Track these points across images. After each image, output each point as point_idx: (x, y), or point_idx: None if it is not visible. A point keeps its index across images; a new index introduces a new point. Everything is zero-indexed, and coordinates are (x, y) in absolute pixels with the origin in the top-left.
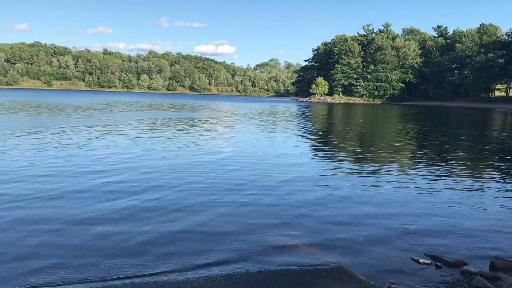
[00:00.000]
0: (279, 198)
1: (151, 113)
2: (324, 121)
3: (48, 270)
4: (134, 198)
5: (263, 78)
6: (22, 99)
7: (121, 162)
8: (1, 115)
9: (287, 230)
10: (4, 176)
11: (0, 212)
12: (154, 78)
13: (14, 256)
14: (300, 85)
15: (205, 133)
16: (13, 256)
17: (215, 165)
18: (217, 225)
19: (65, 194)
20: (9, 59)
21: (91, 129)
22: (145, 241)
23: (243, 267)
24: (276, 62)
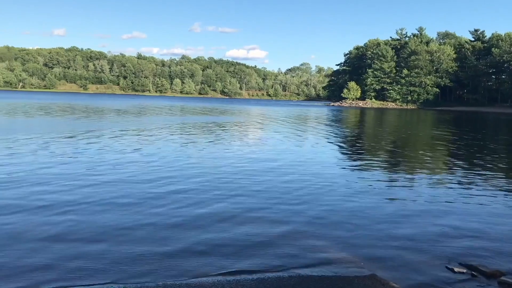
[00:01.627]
0: (311, 205)
1: (186, 117)
2: (357, 127)
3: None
4: (179, 204)
5: (294, 83)
6: (64, 103)
7: (174, 168)
8: (58, 118)
9: (320, 237)
10: (74, 181)
11: (84, 216)
12: (186, 83)
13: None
14: (331, 89)
15: (238, 138)
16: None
17: (249, 171)
18: (247, 231)
19: (138, 201)
20: (47, 63)
21: (140, 133)
22: (181, 245)
23: (274, 273)
24: (307, 67)
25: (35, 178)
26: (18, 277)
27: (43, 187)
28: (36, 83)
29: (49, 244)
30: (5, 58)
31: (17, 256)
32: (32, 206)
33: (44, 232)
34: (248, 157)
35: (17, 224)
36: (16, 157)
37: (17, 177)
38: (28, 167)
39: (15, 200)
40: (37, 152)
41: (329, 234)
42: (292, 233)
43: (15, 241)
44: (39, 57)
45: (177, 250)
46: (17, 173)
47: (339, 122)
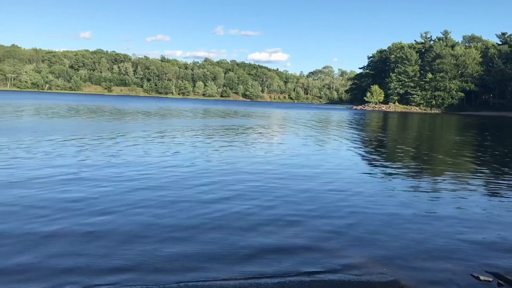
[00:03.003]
0: (333, 210)
1: (210, 120)
2: (382, 131)
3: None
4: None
5: (316, 86)
6: (91, 104)
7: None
8: (90, 119)
9: (342, 242)
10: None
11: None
12: (208, 85)
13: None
14: (354, 93)
15: (265, 141)
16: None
17: (270, 174)
18: (270, 235)
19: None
20: (73, 65)
21: (172, 136)
22: (205, 248)
23: (295, 277)
24: (329, 70)
25: (98, 178)
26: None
27: (106, 187)
28: (62, 84)
29: (131, 241)
30: (32, 60)
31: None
32: (103, 206)
33: (127, 230)
34: (277, 162)
35: (104, 224)
36: (65, 158)
37: (79, 177)
38: (81, 169)
39: (88, 201)
40: (82, 153)
41: (351, 239)
42: (314, 237)
43: (105, 236)
44: (65, 59)
45: (203, 252)
46: (71, 174)
47: (363, 126)
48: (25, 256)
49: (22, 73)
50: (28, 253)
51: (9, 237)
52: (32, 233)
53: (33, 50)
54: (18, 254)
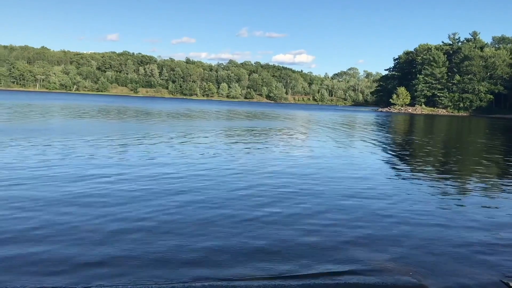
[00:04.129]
0: (360, 213)
1: (234, 122)
2: (409, 134)
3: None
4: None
5: (341, 87)
6: (119, 105)
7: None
8: (122, 120)
9: (368, 245)
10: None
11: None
12: (232, 87)
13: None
14: (379, 95)
15: (291, 143)
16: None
17: (299, 176)
18: (296, 237)
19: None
20: (100, 67)
21: (205, 137)
22: (232, 247)
23: (320, 279)
24: (355, 71)
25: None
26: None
27: (152, 187)
28: (89, 86)
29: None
30: (61, 62)
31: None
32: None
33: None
34: (314, 165)
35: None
36: (108, 158)
37: (126, 177)
38: (123, 169)
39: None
40: (122, 154)
41: (378, 242)
42: (340, 240)
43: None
44: (93, 61)
45: (231, 252)
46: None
47: (389, 129)
48: (102, 249)
49: (51, 74)
50: (105, 247)
51: (80, 231)
52: (96, 228)
53: (62, 52)
54: (95, 247)
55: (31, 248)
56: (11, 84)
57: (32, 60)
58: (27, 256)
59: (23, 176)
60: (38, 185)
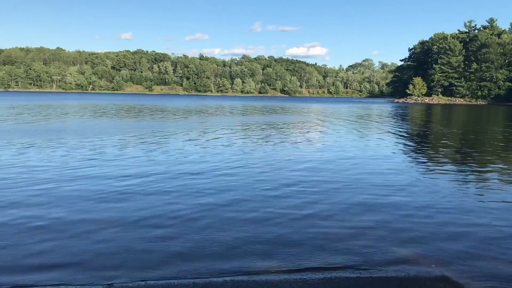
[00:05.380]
0: (381, 204)
1: (253, 117)
2: (427, 124)
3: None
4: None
5: (356, 79)
6: (137, 104)
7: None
8: (145, 119)
9: (389, 237)
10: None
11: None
12: (246, 82)
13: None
14: (395, 85)
15: (301, 137)
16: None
17: (314, 172)
18: (316, 229)
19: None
20: (115, 66)
21: (229, 134)
22: (254, 241)
23: (341, 272)
24: (369, 63)
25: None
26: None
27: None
28: (104, 85)
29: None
30: (76, 62)
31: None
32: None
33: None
34: (336, 160)
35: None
36: (135, 158)
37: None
38: (154, 166)
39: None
40: (150, 153)
41: (399, 234)
42: (360, 232)
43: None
44: (108, 60)
45: (253, 248)
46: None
47: (406, 120)
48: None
49: (67, 74)
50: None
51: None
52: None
53: (77, 52)
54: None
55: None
56: (28, 85)
57: (48, 61)
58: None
59: (69, 176)
60: (85, 185)
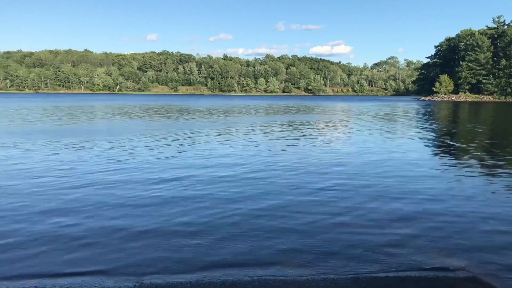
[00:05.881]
0: (411, 202)
1: (279, 116)
2: (455, 123)
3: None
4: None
5: (381, 77)
6: (164, 104)
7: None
8: (176, 119)
9: (418, 237)
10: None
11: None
12: (270, 81)
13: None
14: (421, 83)
15: (327, 136)
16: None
17: (344, 170)
18: (344, 226)
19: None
20: (141, 67)
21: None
22: (282, 241)
23: (369, 270)
24: (395, 60)
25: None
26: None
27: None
28: (131, 86)
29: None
30: (103, 64)
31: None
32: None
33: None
34: (371, 162)
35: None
36: (168, 159)
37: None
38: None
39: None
40: (183, 153)
41: (428, 234)
42: (390, 233)
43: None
44: (134, 62)
45: (284, 249)
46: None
47: (433, 118)
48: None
49: (95, 76)
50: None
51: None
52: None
53: (104, 54)
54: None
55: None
56: (57, 87)
57: (76, 63)
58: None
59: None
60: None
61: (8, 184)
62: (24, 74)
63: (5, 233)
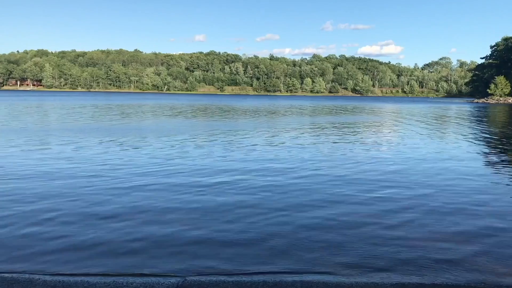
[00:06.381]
0: (470, 217)
1: (326, 117)
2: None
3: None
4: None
5: (432, 78)
6: (213, 103)
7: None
8: (225, 119)
9: (464, 243)
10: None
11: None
12: (316, 81)
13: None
14: (475, 85)
15: (376, 139)
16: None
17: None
18: (386, 232)
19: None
20: (189, 67)
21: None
22: (324, 245)
23: (415, 277)
24: (447, 61)
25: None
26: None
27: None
28: (179, 85)
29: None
30: (152, 64)
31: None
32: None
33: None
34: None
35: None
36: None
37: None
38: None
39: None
40: (229, 153)
41: (474, 241)
42: (434, 239)
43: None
44: (182, 62)
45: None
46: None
47: (489, 122)
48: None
49: (144, 76)
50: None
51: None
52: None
53: (153, 54)
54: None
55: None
56: (108, 86)
57: (126, 62)
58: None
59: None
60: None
61: (64, 183)
62: (77, 73)
63: (59, 232)
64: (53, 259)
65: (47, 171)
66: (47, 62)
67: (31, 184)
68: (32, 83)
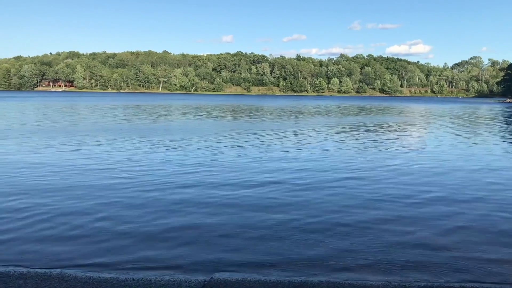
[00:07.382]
0: (488, 213)
1: (347, 118)
2: None
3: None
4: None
5: (462, 78)
6: (242, 104)
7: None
8: (254, 119)
9: (497, 247)
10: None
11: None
12: (344, 81)
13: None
14: (507, 84)
15: (403, 141)
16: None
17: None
18: (410, 234)
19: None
20: (216, 68)
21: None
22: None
23: (445, 282)
24: (477, 60)
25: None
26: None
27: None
28: (206, 86)
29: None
30: (180, 65)
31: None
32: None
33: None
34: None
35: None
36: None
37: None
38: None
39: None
40: (263, 152)
41: (505, 246)
42: (464, 242)
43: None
44: (209, 63)
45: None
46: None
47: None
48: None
49: (172, 76)
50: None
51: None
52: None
53: (181, 55)
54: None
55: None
56: (138, 87)
57: (155, 64)
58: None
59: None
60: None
61: (100, 181)
62: (108, 74)
63: (94, 227)
64: (87, 252)
65: (101, 168)
66: (79, 64)
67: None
68: (64, 84)
